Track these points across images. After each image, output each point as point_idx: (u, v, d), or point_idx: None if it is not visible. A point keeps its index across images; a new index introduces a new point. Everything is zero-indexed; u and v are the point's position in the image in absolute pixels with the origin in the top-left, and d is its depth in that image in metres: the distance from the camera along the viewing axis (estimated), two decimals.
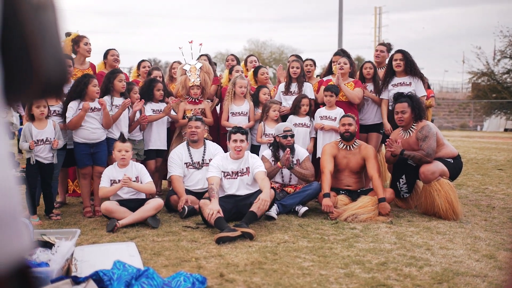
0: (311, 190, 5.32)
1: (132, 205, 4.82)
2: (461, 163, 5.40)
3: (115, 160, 5.06)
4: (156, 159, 6.12)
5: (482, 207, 5.65)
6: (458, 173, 5.41)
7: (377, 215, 5.00)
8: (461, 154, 5.76)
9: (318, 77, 7.40)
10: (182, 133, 6.15)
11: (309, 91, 6.37)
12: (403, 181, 5.47)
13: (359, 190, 5.48)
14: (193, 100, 6.21)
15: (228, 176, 5.02)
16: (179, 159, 5.59)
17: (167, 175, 5.75)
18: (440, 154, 5.23)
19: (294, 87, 6.41)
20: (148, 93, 6.00)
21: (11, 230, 0.68)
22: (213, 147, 5.75)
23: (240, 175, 5.02)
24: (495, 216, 5.16)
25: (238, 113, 6.28)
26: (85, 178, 5.34)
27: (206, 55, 7.16)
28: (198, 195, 5.44)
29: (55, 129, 5.00)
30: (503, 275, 3.21)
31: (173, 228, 4.63)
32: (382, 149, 6.71)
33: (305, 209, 5.20)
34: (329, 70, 6.84)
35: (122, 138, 5.06)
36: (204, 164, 5.58)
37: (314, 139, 6.19)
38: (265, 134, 6.10)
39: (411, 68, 6.01)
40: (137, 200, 4.92)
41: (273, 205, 4.91)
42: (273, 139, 5.72)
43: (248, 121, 6.30)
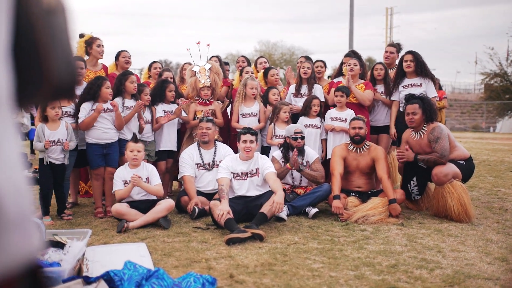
0: (321, 191, 5.30)
1: (144, 206, 4.85)
2: (473, 165, 5.35)
3: (127, 161, 5.10)
4: (167, 160, 6.15)
5: (494, 209, 5.59)
6: (470, 175, 5.37)
7: (387, 217, 4.97)
8: (473, 155, 5.72)
9: (329, 78, 7.38)
10: (193, 134, 6.18)
11: (319, 93, 6.36)
12: (414, 183, 5.43)
13: (369, 192, 5.46)
14: (204, 101, 6.23)
15: (237, 177, 5.02)
16: (190, 159, 5.61)
17: (178, 176, 5.77)
18: (452, 156, 5.19)
19: (305, 89, 6.41)
20: (160, 94, 6.04)
21: (23, 231, 0.69)
22: (223, 149, 5.77)
23: (250, 176, 5.03)
24: (508, 218, 5.10)
25: (248, 114, 6.29)
26: (97, 180, 5.38)
27: (216, 56, 7.18)
28: (208, 196, 5.46)
29: (67, 130, 5.05)
30: None
31: (183, 229, 4.65)
32: (392, 150, 6.67)
33: (315, 210, 5.19)
34: (339, 72, 6.83)
35: (134, 139, 5.10)
36: (214, 165, 5.59)
37: (325, 141, 6.18)
38: (275, 136, 6.10)
39: (422, 69, 5.97)
40: (149, 201, 4.94)
41: (283, 206, 4.91)
42: (283, 140, 5.72)
43: (259, 122, 6.31)
